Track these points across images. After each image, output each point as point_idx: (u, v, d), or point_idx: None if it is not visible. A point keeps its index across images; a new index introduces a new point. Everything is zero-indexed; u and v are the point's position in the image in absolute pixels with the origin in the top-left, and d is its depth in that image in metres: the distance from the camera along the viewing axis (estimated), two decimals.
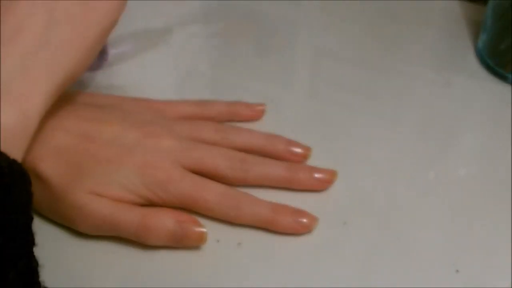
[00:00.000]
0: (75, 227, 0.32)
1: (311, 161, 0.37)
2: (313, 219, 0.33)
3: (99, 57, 0.44)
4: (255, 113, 0.40)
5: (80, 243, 0.33)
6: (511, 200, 0.36)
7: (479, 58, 0.46)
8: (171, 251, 0.32)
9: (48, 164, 0.32)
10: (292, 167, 0.36)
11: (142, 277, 0.32)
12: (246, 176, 0.35)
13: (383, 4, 0.52)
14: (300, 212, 0.33)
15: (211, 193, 0.33)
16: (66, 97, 0.35)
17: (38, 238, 0.33)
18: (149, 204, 0.33)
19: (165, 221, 0.31)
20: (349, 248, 0.33)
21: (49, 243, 0.33)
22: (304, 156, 0.37)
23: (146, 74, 0.44)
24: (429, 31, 0.50)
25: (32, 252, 0.25)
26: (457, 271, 0.32)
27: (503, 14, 0.43)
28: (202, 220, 0.34)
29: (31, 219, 0.25)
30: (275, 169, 0.35)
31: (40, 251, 0.32)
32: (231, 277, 0.32)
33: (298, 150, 0.37)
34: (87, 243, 0.33)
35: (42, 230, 0.33)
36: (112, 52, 0.46)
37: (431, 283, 0.31)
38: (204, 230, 0.32)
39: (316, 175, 0.35)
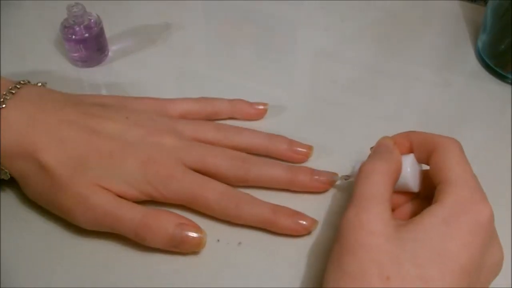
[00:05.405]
0: (73, 219, 0.32)
1: (311, 161, 0.37)
2: (313, 222, 0.33)
3: (100, 53, 0.44)
4: (257, 111, 0.40)
5: (79, 242, 0.33)
6: (511, 200, 0.36)
7: (479, 58, 0.47)
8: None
9: (52, 154, 0.32)
10: (292, 168, 0.35)
11: (142, 276, 0.32)
12: (247, 176, 0.35)
13: (383, 4, 0.52)
14: (300, 215, 0.33)
15: (212, 191, 0.33)
16: (72, 97, 0.36)
17: (36, 237, 0.33)
18: (150, 199, 0.33)
19: (165, 224, 0.31)
20: None
21: (47, 242, 0.33)
22: (306, 155, 0.37)
23: (146, 73, 0.44)
24: (429, 31, 0.50)
25: None
26: None
27: (503, 15, 0.43)
28: (202, 220, 0.34)
29: None
30: (276, 170, 0.35)
31: (38, 249, 0.33)
32: (231, 277, 0.32)
33: (300, 149, 0.37)
34: (87, 242, 0.33)
35: (41, 228, 0.33)
36: (112, 48, 0.46)
37: None
38: (203, 236, 0.32)
39: (316, 177, 0.35)
